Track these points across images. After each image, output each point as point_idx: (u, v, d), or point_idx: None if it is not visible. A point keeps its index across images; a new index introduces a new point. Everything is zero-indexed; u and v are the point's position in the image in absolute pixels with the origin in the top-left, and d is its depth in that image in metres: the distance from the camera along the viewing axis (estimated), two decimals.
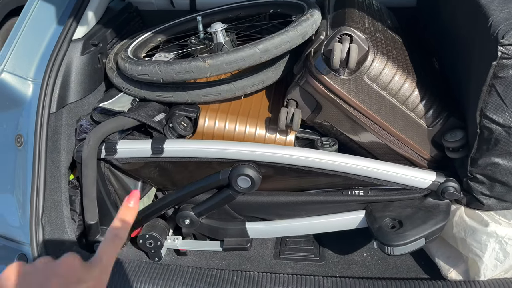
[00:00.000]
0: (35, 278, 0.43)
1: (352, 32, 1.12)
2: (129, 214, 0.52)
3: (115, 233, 0.50)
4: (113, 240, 0.49)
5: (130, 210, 0.53)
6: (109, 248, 0.48)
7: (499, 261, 1.20)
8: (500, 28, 0.95)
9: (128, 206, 0.53)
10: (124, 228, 0.50)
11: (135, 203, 0.53)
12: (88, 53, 1.43)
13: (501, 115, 1.02)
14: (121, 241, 0.50)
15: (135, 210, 0.53)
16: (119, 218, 0.51)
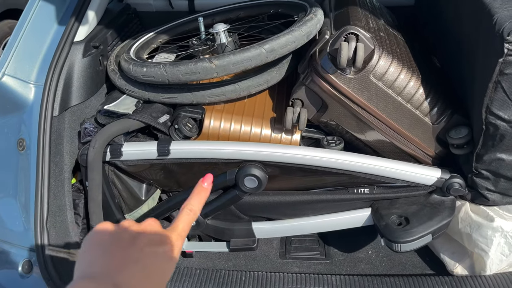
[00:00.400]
0: (124, 234, 0.48)
1: (357, 31, 1.13)
2: (203, 193, 0.57)
3: (190, 207, 0.54)
4: (188, 213, 0.54)
5: (204, 189, 0.57)
6: (184, 219, 0.53)
7: (505, 255, 1.22)
8: (505, 26, 0.97)
9: (202, 186, 0.57)
10: (198, 203, 0.56)
11: (208, 184, 0.58)
12: (89, 55, 1.41)
13: (507, 111, 1.04)
14: (194, 215, 0.54)
15: (208, 191, 0.57)
16: (194, 196, 0.56)
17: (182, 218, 0.53)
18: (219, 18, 1.66)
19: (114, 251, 0.45)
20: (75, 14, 1.37)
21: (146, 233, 0.48)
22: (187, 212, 0.54)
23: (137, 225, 0.50)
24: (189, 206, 0.54)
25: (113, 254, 0.45)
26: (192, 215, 0.54)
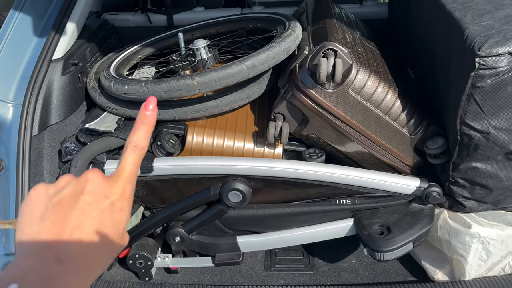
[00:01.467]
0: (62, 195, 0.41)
1: (336, 47, 1.16)
2: (148, 121, 0.47)
3: (134, 143, 0.46)
4: (133, 150, 0.46)
5: (148, 117, 0.47)
6: (130, 158, 0.46)
7: (483, 261, 1.26)
8: (476, 41, 1.02)
9: (145, 113, 0.47)
10: (144, 136, 0.47)
11: (153, 109, 0.48)
12: (68, 73, 1.40)
13: (480, 122, 1.08)
14: (142, 150, 0.46)
15: (153, 118, 0.48)
16: (137, 127, 0.47)
17: (127, 158, 0.45)
18: (198, 33, 1.67)
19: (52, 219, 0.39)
20: (53, 31, 1.36)
21: (87, 188, 0.42)
22: (132, 150, 0.46)
23: (75, 181, 0.43)
24: (133, 142, 0.46)
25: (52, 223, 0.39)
26: (139, 152, 0.46)
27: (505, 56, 0.99)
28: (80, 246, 0.38)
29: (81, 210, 0.40)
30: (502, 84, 1.02)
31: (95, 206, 0.41)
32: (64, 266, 0.37)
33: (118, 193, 0.43)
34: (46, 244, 0.38)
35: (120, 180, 0.44)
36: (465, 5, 1.17)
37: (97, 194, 0.42)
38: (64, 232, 0.38)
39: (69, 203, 0.41)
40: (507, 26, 1.04)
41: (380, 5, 1.99)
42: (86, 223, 0.40)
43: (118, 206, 0.42)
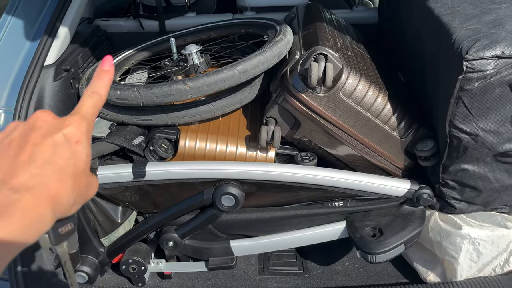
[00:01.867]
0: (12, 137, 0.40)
1: (326, 51, 1.18)
2: (105, 74, 0.47)
3: (93, 90, 0.46)
4: (90, 95, 0.45)
5: (105, 71, 0.47)
6: (87, 101, 0.44)
7: (474, 261, 1.27)
8: (464, 45, 1.04)
9: (103, 69, 0.47)
10: (103, 86, 0.46)
11: (109, 65, 0.48)
12: (60, 79, 1.40)
13: (468, 124, 1.10)
14: (100, 97, 0.45)
15: (110, 73, 0.48)
16: (95, 78, 0.47)
17: (83, 101, 0.44)
18: (190, 38, 1.68)
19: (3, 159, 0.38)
20: (44, 37, 1.36)
21: (37, 127, 0.40)
22: (88, 95, 0.45)
23: (24, 122, 0.41)
24: (90, 88, 0.46)
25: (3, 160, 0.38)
26: (96, 97, 0.45)
27: (492, 59, 1.01)
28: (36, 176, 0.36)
29: (32, 143, 0.39)
30: (489, 87, 1.04)
31: (48, 138, 0.39)
32: (20, 194, 0.35)
33: (72, 126, 0.41)
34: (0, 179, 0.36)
35: (73, 116, 0.42)
36: (452, 10, 1.19)
37: (48, 128, 0.40)
38: (16, 164, 0.37)
39: (19, 140, 0.39)
40: (494, 30, 1.06)
41: (370, 10, 2.01)
42: (39, 152, 0.38)
43: (74, 139, 0.40)
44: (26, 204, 0.35)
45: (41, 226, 0.36)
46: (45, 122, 0.40)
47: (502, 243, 1.25)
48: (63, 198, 0.38)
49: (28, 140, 0.39)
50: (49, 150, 0.38)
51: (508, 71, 1.01)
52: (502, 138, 1.10)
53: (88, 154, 0.41)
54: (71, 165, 0.39)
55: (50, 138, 0.39)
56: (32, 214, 0.35)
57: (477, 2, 1.21)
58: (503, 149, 1.12)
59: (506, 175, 1.18)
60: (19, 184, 0.36)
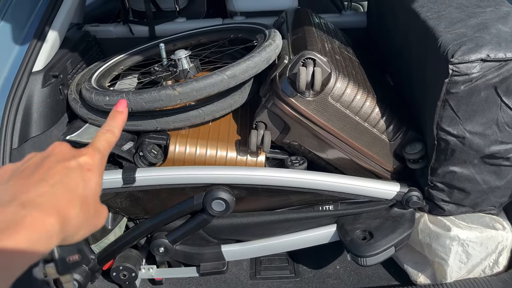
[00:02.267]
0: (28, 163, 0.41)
1: (315, 56, 1.18)
2: (119, 115, 0.50)
3: (107, 128, 0.48)
4: (104, 132, 0.48)
5: (120, 113, 0.50)
6: (101, 138, 0.47)
7: (463, 263, 1.28)
8: (449, 48, 1.05)
9: (117, 110, 0.51)
10: (117, 125, 0.49)
11: (124, 107, 0.51)
12: (49, 85, 1.40)
13: (455, 127, 1.11)
14: (113, 134, 0.48)
15: (124, 114, 0.51)
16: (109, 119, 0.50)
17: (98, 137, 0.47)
18: (180, 44, 1.68)
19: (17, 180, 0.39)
20: (33, 44, 1.36)
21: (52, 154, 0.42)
22: (103, 132, 0.48)
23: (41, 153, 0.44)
24: (105, 127, 0.48)
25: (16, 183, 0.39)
26: (110, 134, 0.48)
27: (477, 63, 1.02)
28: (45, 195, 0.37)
29: (46, 167, 0.40)
30: (475, 90, 1.05)
31: (61, 163, 0.41)
32: (27, 210, 0.35)
33: (86, 155, 0.43)
34: (12, 197, 0.37)
35: (88, 148, 0.44)
36: (438, 14, 1.21)
37: (63, 156, 0.42)
38: (28, 183, 0.38)
39: (35, 166, 0.41)
40: (479, 34, 1.08)
41: (359, 14, 2.03)
42: (51, 174, 0.39)
43: (86, 166, 0.42)
44: (33, 220, 0.35)
45: (48, 243, 0.36)
46: (61, 151, 0.42)
47: (491, 244, 1.26)
48: (70, 217, 0.38)
49: (43, 165, 0.40)
50: (61, 173, 0.40)
51: (493, 74, 1.03)
52: (489, 140, 1.12)
53: (98, 183, 0.42)
54: (81, 188, 0.40)
55: (64, 163, 0.41)
56: (39, 230, 0.35)
57: (462, 6, 1.23)
58: (490, 151, 1.13)
59: (494, 177, 1.20)
60: (28, 200, 0.36)
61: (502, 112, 1.08)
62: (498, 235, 1.26)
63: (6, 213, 0.35)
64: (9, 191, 0.38)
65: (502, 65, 1.02)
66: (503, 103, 1.07)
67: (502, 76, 1.03)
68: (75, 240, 0.41)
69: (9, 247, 0.33)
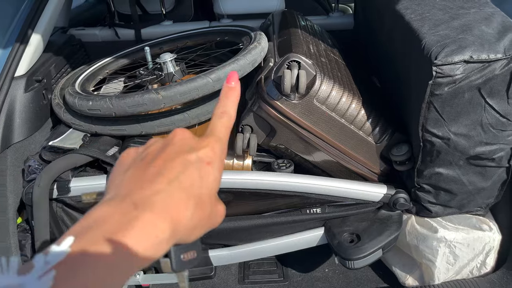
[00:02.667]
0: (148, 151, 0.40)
1: (299, 58, 1.18)
2: (232, 92, 0.46)
3: (222, 109, 0.44)
4: (220, 115, 0.44)
5: (232, 89, 0.46)
6: (219, 123, 0.43)
7: (450, 264, 1.28)
8: (433, 50, 1.05)
9: (228, 86, 0.46)
10: (231, 104, 0.45)
11: (236, 82, 0.46)
12: (32, 90, 1.38)
13: (440, 128, 1.11)
14: (229, 117, 0.44)
15: (237, 91, 0.46)
16: (222, 98, 0.45)
17: (215, 122, 0.43)
18: (166, 47, 1.67)
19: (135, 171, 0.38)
20: (15, 48, 1.34)
21: (172, 143, 0.40)
22: (219, 116, 0.44)
23: (163, 139, 0.42)
24: (219, 109, 0.44)
25: (134, 173, 0.37)
26: (226, 117, 0.44)
27: (460, 64, 1.02)
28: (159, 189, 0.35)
29: (164, 158, 0.38)
30: (459, 91, 1.05)
31: (180, 155, 0.38)
32: (139, 211, 0.34)
33: (207, 148, 0.40)
34: (126, 191, 0.35)
35: (208, 137, 0.42)
36: (422, 16, 1.21)
37: (183, 146, 0.39)
38: (144, 177, 0.36)
39: (155, 154, 0.39)
40: (462, 35, 1.08)
41: (346, 16, 2.03)
42: (168, 168, 0.37)
43: (206, 160, 0.39)
44: (144, 224, 0.33)
45: (157, 249, 0.34)
46: (182, 140, 0.40)
47: (477, 245, 1.26)
48: (183, 221, 0.36)
49: (162, 155, 0.38)
50: (178, 168, 0.37)
51: (477, 76, 1.03)
52: (474, 141, 1.12)
53: (217, 179, 0.40)
54: (197, 186, 0.37)
55: (183, 156, 0.38)
56: (148, 235, 0.33)
57: (446, 8, 1.23)
58: (475, 152, 1.13)
59: (479, 178, 1.20)
60: (141, 199, 0.34)
61: (486, 113, 1.08)
62: (485, 236, 1.26)
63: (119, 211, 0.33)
64: (126, 183, 0.36)
65: (485, 66, 1.02)
66: (487, 104, 1.07)
67: (486, 77, 1.03)
68: (189, 240, 0.39)
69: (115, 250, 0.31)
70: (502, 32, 1.08)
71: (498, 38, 1.05)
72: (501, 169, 1.19)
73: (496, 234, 1.28)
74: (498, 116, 1.09)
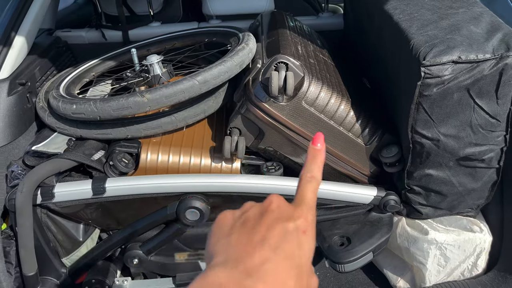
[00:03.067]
0: (248, 215, 0.42)
1: (287, 60, 1.16)
2: (318, 155, 0.48)
3: (310, 174, 0.46)
4: (309, 180, 0.46)
5: (318, 151, 0.48)
6: (308, 188, 0.45)
7: (441, 266, 1.27)
8: (421, 50, 1.03)
9: (315, 148, 0.48)
10: (318, 168, 0.47)
11: (322, 144, 0.48)
12: (15, 93, 1.35)
13: (430, 130, 1.10)
14: (317, 182, 0.46)
15: (323, 152, 0.48)
16: (309, 161, 0.47)
17: (304, 188, 0.45)
18: (154, 48, 1.65)
19: (240, 234, 0.40)
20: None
21: (270, 210, 0.42)
22: (308, 180, 0.46)
23: (259, 204, 0.44)
24: (307, 173, 0.46)
25: (239, 238, 0.40)
26: (315, 182, 0.46)
27: (449, 65, 1.01)
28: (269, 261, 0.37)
29: (266, 224, 0.40)
30: (448, 92, 1.04)
31: (280, 223, 0.40)
32: (253, 280, 0.35)
33: (302, 216, 0.42)
34: (236, 256, 0.37)
35: (302, 205, 0.44)
36: (411, 16, 1.20)
37: (281, 214, 0.42)
38: (251, 243, 0.38)
39: (255, 219, 0.41)
40: (451, 35, 1.06)
41: (336, 16, 2.02)
42: (271, 236, 0.39)
43: (302, 228, 0.41)
44: None
45: None
46: (279, 207, 0.42)
47: (468, 247, 1.25)
48: None
49: (262, 222, 0.40)
50: (280, 235, 0.39)
51: (465, 76, 1.02)
52: (463, 142, 1.11)
53: (311, 248, 0.41)
54: (296, 255, 0.39)
55: (282, 224, 0.40)
56: None
57: (435, 8, 1.22)
58: (464, 153, 1.12)
59: (469, 179, 1.19)
60: (253, 267, 0.36)
61: (475, 114, 1.07)
62: (476, 238, 1.25)
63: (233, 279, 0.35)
64: (233, 248, 0.38)
65: (474, 66, 1.01)
66: (476, 105, 1.06)
67: (474, 78, 1.02)
68: None
69: None
70: (490, 32, 1.07)
71: (487, 38, 1.04)
72: (491, 170, 1.18)
73: (487, 236, 1.27)
74: (487, 116, 1.08)
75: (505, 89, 1.04)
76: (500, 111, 1.08)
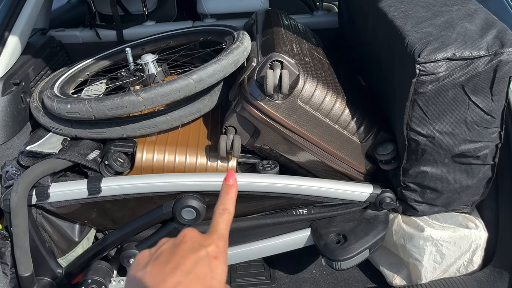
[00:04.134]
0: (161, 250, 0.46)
1: (282, 58, 1.16)
2: (231, 190, 0.52)
3: (223, 207, 0.50)
4: (223, 213, 0.50)
5: (231, 186, 0.52)
6: (221, 219, 0.49)
7: (437, 263, 1.27)
8: (416, 48, 1.04)
9: (228, 184, 0.53)
10: (231, 201, 0.51)
11: (234, 180, 0.53)
12: (9, 93, 1.34)
13: (425, 127, 1.10)
14: (230, 215, 0.51)
15: (235, 188, 0.53)
16: (222, 195, 0.52)
17: (218, 219, 0.49)
18: (149, 47, 1.64)
19: (154, 266, 0.44)
20: None
21: (184, 242, 0.46)
22: (221, 212, 0.50)
23: (173, 239, 0.48)
24: (221, 205, 0.51)
25: (153, 269, 0.43)
26: (227, 214, 0.50)
27: (443, 62, 1.01)
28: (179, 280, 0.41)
29: (179, 255, 0.44)
30: (442, 89, 1.04)
31: (192, 252, 0.44)
32: None
33: (213, 243, 0.46)
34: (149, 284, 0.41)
35: (213, 234, 0.48)
36: (405, 13, 1.20)
37: (193, 244, 0.46)
38: (164, 271, 0.42)
39: (168, 252, 0.45)
40: (445, 32, 1.07)
41: (331, 14, 2.02)
42: (185, 264, 0.43)
43: (213, 254, 0.45)
44: None
45: None
46: (191, 238, 0.46)
47: (464, 243, 1.26)
48: None
49: (176, 253, 0.44)
50: (192, 262, 0.43)
51: (460, 73, 1.02)
52: (458, 139, 1.11)
53: (223, 271, 0.45)
54: (208, 277, 0.43)
55: (194, 252, 0.44)
56: None
57: (429, 5, 1.22)
58: (459, 150, 1.13)
59: (465, 176, 1.19)
60: None
61: (470, 111, 1.08)
62: (471, 234, 1.26)
63: None
64: (148, 279, 0.42)
65: (468, 63, 1.01)
66: (471, 101, 1.07)
67: (469, 75, 1.02)
68: None
69: None
70: (485, 28, 1.07)
71: (481, 35, 1.05)
72: (486, 166, 1.19)
73: (483, 232, 1.27)
74: (482, 113, 1.08)
75: (500, 86, 1.05)
76: (495, 107, 1.08)
